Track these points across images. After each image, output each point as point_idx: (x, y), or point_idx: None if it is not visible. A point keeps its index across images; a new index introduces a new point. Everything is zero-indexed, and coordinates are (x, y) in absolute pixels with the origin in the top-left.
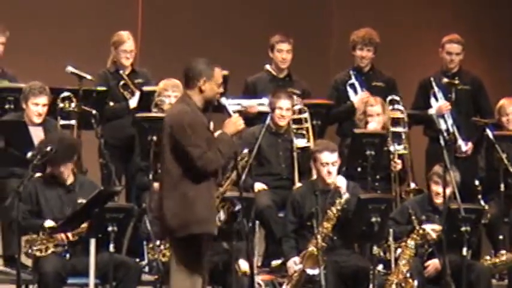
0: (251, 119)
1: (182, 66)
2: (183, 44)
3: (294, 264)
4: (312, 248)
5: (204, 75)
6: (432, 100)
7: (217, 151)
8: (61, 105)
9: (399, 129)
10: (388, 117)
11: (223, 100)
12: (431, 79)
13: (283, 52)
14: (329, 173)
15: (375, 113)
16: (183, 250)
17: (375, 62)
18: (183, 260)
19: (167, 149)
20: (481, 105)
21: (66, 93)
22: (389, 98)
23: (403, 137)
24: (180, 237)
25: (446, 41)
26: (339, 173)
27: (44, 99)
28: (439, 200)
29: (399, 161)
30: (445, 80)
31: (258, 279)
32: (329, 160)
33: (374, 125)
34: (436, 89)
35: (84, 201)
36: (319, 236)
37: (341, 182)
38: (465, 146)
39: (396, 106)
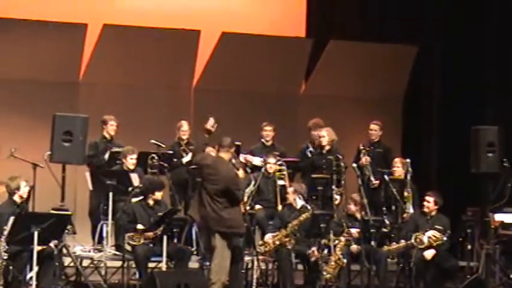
0: (253, 168)
1: (217, 140)
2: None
3: (269, 238)
4: (284, 232)
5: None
6: (361, 156)
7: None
8: (149, 162)
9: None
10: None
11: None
12: (361, 146)
13: (266, 131)
14: (294, 200)
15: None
16: (227, 239)
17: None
18: (225, 245)
19: (220, 188)
20: (389, 162)
21: (152, 155)
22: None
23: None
24: (229, 232)
25: (370, 123)
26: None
27: (134, 156)
28: (354, 214)
29: (338, 197)
30: (367, 148)
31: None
32: (295, 196)
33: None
34: (363, 151)
35: (160, 214)
36: (289, 229)
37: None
38: (375, 182)
39: (340, 162)
